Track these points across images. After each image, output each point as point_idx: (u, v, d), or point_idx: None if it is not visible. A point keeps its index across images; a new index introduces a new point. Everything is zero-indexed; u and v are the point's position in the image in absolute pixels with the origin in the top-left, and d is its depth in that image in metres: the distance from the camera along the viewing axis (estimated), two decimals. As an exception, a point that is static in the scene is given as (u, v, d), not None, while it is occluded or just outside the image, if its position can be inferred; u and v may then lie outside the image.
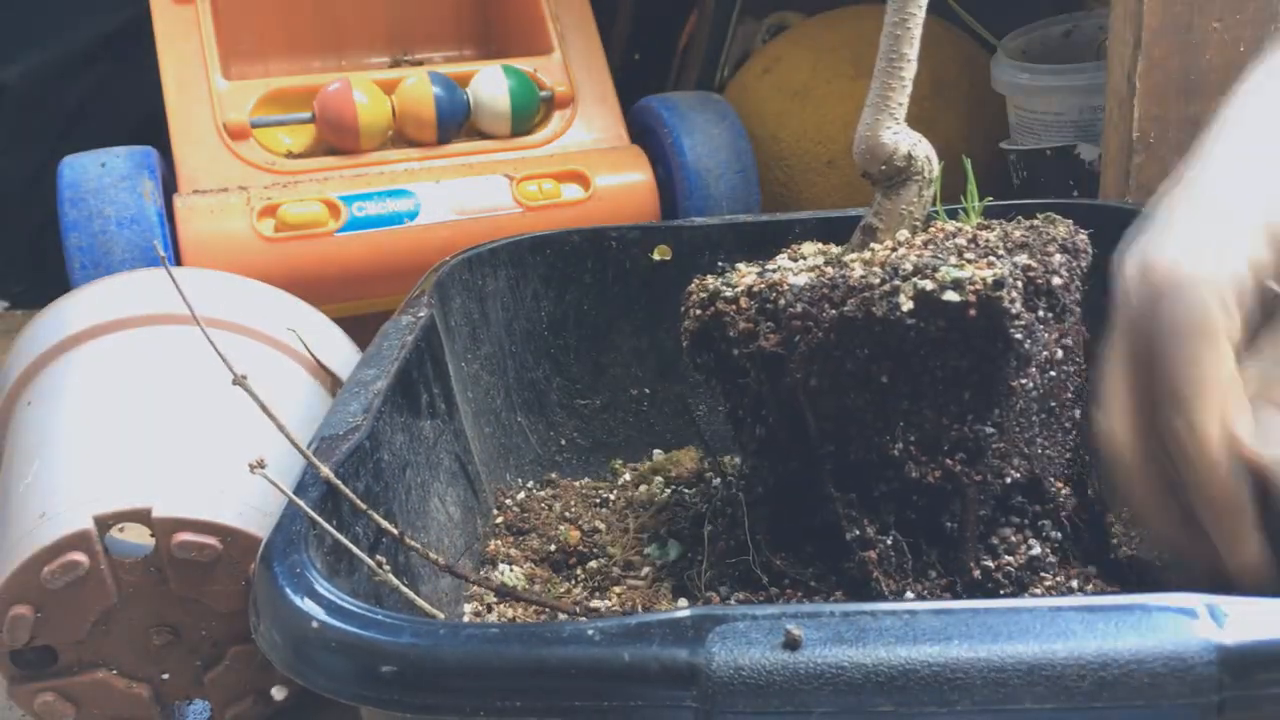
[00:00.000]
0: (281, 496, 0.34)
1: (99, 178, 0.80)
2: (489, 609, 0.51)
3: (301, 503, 0.33)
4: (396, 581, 0.34)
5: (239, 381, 0.33)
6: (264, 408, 0.33)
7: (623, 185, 0.93)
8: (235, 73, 0.95)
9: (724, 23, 1.30)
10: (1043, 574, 0.45)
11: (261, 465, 0.33)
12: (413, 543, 0.35)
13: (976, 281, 0.41)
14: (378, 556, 0.35)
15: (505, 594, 0.44)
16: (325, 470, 0.34)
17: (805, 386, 0.44)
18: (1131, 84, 0.72)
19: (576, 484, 0.64)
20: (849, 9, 1.17)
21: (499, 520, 0.59)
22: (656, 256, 0.67)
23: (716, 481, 0.60)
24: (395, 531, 0.34)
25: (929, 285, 0.41)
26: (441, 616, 0.41)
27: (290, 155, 0.94)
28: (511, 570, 0.54)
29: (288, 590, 0.32)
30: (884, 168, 0.47)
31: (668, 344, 0.66)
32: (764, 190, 0.99)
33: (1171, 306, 0.36)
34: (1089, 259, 0.47)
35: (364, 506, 0.34)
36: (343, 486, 0.35)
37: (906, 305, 0.41)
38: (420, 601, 0.34)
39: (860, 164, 0.48)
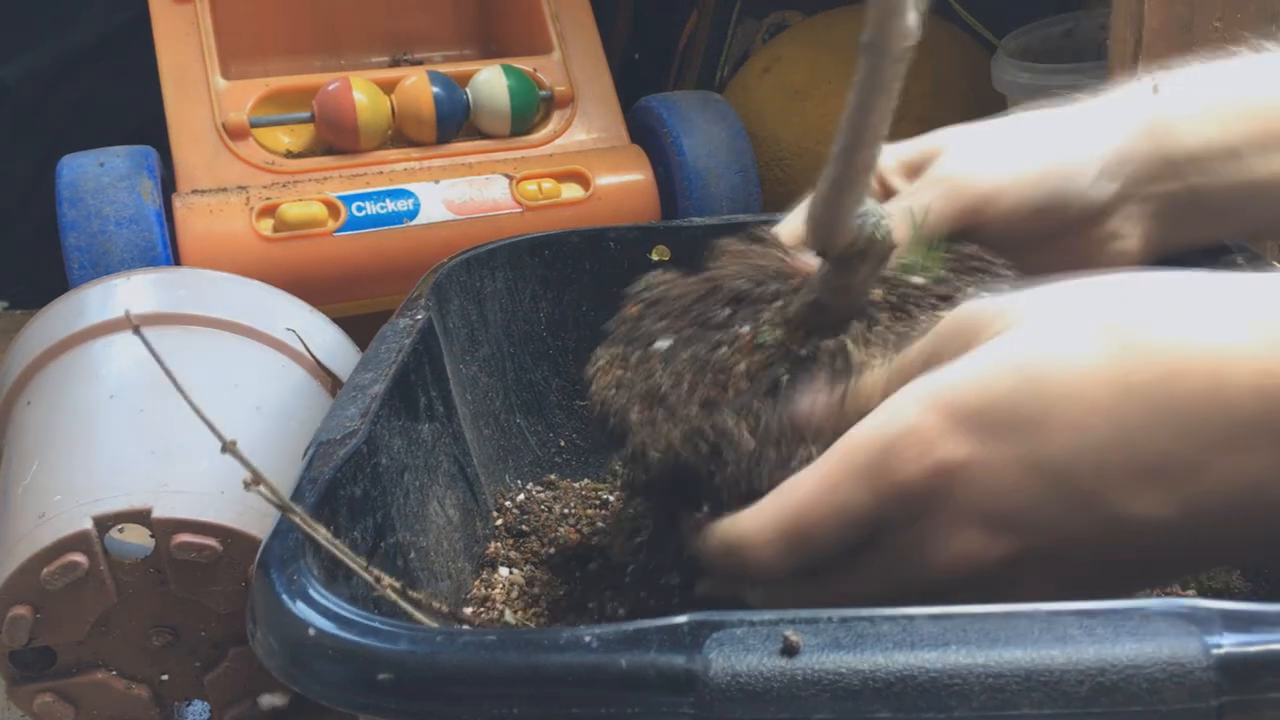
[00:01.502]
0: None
1: (98, 177, 0.80)
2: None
3: (296, 518, 0.33)
4: (394, 595, 0.34)
5: (229, 449, 0.33)
6: (255, 471, 0.33)
7: (623, 185, 0.93)
8: (235, 72, 0.95)
9: (724, 23, 1.30)
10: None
11: (256, 483, 0.32)
12: (416, 595, 0.35)
13: None
14: (374, 571, 0.35)
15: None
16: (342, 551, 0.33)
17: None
18: (1132, 84, 0.72)
19: (576, 485, 0.64)
20: (849, 9, 1.17)
21: (498, 522, 0.59)
22: (655, 257, 0.66)
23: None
24: (397, 585, 0.34)
25: None
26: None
27: (290, 155, 0.94)
28: (511, 572, 0.54)
29: (285, 597, 0.31)
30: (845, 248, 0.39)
31: (667, 345, 0.66)
32: (764, 190, 0.99)
33: None
34: None
35: (362, 565, 0.34)
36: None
37: None
38: (417, 614, 0.34)
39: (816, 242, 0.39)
